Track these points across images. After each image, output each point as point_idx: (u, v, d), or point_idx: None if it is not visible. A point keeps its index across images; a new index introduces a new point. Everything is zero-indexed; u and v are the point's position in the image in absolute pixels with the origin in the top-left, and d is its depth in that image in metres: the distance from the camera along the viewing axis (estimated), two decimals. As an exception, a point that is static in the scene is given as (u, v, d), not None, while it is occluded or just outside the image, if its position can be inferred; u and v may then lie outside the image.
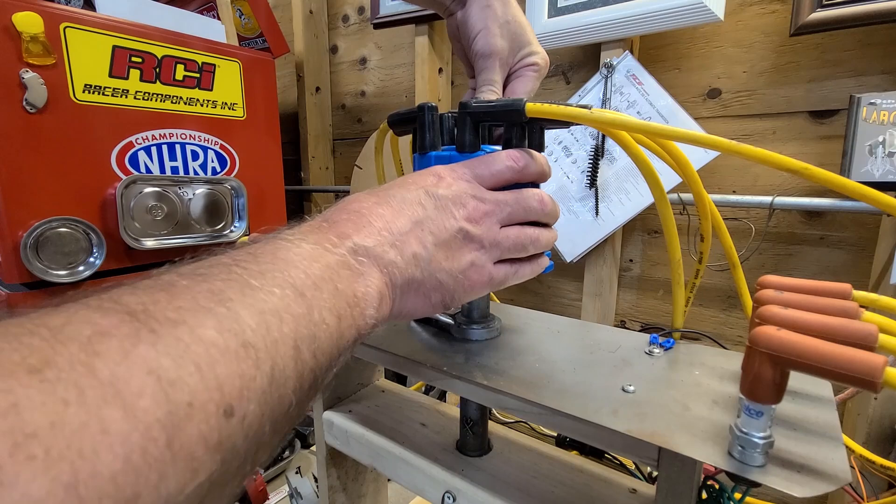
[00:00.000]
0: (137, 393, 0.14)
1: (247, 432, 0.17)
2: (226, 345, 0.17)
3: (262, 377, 0.18)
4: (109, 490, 0.12)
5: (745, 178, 0.87)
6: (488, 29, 0.39)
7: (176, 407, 0.15)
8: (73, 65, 0.77)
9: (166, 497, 0.14)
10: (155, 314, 0.16)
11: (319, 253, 0.24)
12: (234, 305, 0.18)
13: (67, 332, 0.14)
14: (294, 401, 0.20)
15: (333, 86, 1.54)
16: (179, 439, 0.14)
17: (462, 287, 0.31)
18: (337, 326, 0.23)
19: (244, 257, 0.22)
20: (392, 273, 0.27)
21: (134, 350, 0.15)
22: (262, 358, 0.18)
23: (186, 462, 0.15)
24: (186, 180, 0.93)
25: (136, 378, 0.14)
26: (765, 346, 0.22)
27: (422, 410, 0.48)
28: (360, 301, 0.24)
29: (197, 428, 0.15)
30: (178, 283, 0.19)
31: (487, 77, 0.40)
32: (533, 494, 0.36)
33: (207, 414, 0.16)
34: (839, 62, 0.77)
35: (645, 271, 1.01)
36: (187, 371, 0.15)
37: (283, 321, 0.20)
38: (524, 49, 0.41)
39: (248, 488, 0.98)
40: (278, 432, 0.20)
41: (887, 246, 0.72)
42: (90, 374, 0.13)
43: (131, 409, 0.14)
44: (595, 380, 0.33)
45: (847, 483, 0.22)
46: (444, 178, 0.31)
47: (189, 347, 0.16)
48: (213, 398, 0.16)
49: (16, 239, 0.73)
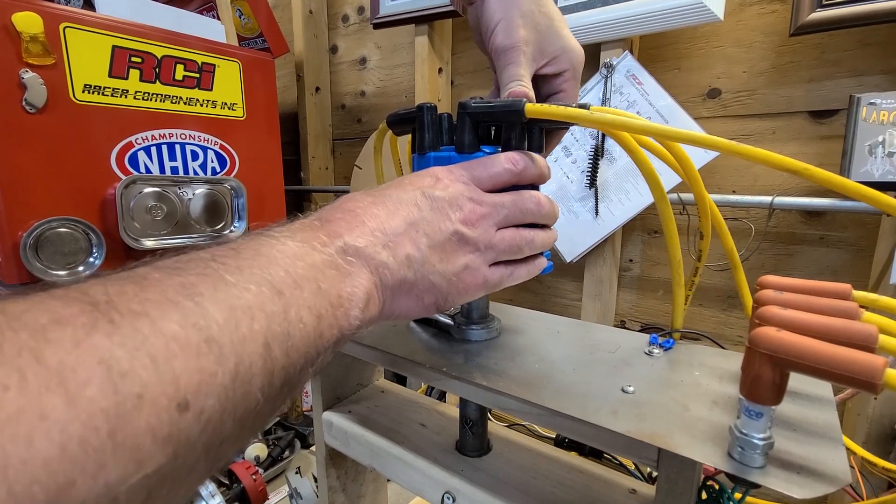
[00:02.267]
0: (84, 382, 0.14)
1: (204, 427, 0.17)
2: (187, 339, 0.17)
3: (225, 373, 0.18)
4: (41, 476, 0.13)
5: (745, 178, 0.87)
6: (509, 20, 0.36)
7: (124, 398, 0.15)
8: (72, 65, 0.77)
9: (105, 486, 0.14)
10: (118, 305, 0.16)
11: (305, 251, 0.24)
12: (203, 300, 0.18)
13: (24, 320, 0.15)
14: (262, 398, 0.20)
15: (333, 86, 1.54)
16: (124, 430, 0.14)
17: (456, 289, 0.30)
18: (316, 326, 0.22)
19: (224, 252, 0.22)
20: (383, 274, 0.27)
21: (87, 339, 0.15)
22: (226, 354, 0.18)
23: (131, 453, 0.15)
24: (186, 180, 0.93)
25: (85, 367, 0.14)
26: (764, 346, 0.22)
27: (421, 411, 0.48)
28: (344, 301, 0.24)
29: (145, 420, 0.15)
30: (151, 276, 0.19)
31: (513, 72, 0.36)
32: (532, 495, 0.36)
33: (158, 407, 0.15)
34: (839, 62, 0.77)
35: (645, 271, 1.01)
36: (141, 363, 0.15)
37: (255, 318, 0.20)
38: (554, 45, 0.37)
39: (248, 488, 0.98)
40: (245, 428, 0.20)
41: (887, 246, 0.72)
42: (36, 361, 0.14)
43: (75, 397, 0.14)
44: (594, 380, 0.33)
45: (847, 484, 0.22)
46: (442, 179, 0.31)
47: (147, 340, 0.16)
48: (167, 392, 0.16)
49: (15, 239, 0.73)
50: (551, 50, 0.37)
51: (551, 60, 0.37)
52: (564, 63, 0.38)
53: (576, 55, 0.38)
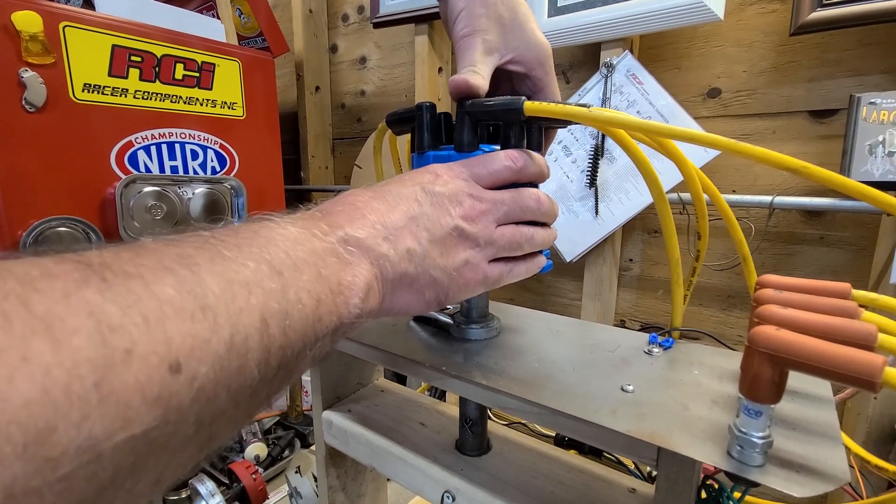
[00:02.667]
0: (71, 331, 0.14)
1: (196, 395, 0.17)
2: (182, 304, 0.17)
3: (219, 342, 0.18)
4: (20, 416, 0.12)
5: (745, 178, 0.87)
6: (470, 9, 0.35)
7: (112, 351, 0.14)
8: (72, 64, 0.77)
9: (89, 438, 0.14)
10: (112, 266, 0.16)
11: (306, 237, 0.24)
12: (199, 270, 0.18)
13: (13, 270, 0.14)
14: (257, 375, 0.19)
15: (333, 85, 1.54)
16: (111, 383, 0.14)
17: (456, 284, 0.30)
18: (314, 309, 0.22)
19: (224, 231, 0.21)
20: (383, 266, 0.27)
21: (77, 292, 0.15)
22: (221, 323, 0.18)
23: (117, 408, 0.14)
24: (186, 180, 0.93)
25: (74, 318, 0.14)
26: (764, 345, 0.22)
27: (421, 410, 0.48)
28: (344, 289, 0.24)
29: (134, 377, 0.15)
30: (148, 246, 0.18)
31: (468, 58, 0.35)
32: (532, 494, 0.36)
33: (148, 365, 0.15)
34: (839, 62, 0.77)
35: (645, 271, 1.01)
36: (132, 321, 0.15)
37: (252, 293, 0.19)
38: (518, 38, 0.36)
39: (248, 487, 0.98)
40: (240, 407, 0.19)
41: (887, 245, 0.72)
42: (23, 306, 0.13)
43: (60, 343, 0.13)
44: (594, 379, 0.33)
45: (846, 483, 0.22)
46: (441, 175, 0.31)
47: (140, 300, 0.16)
48: (158, 351, 0.15)
49: (15, 238, 0.73)
50: (515, 44, 0.36)
51: (516, 56, 0.37)
52: (531, 59, 0.37)
53: (541, 50, 0.37)
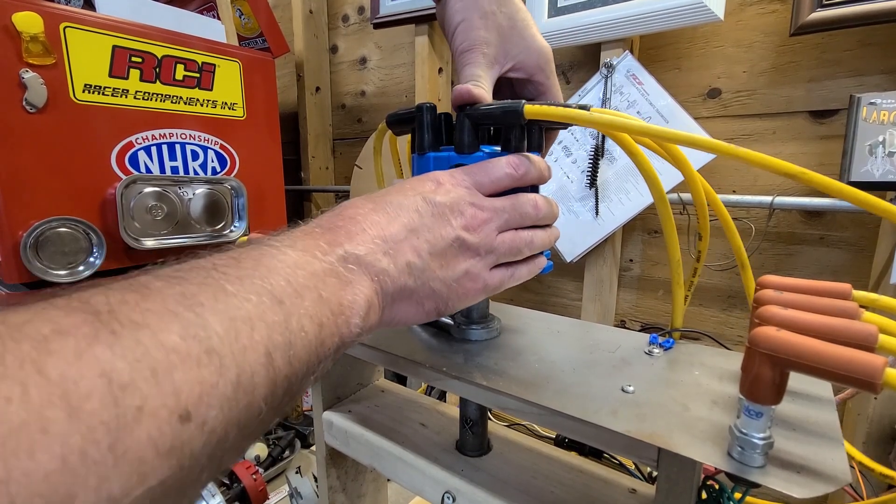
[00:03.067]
0: (85, 395, 0.14)
1: (208, 438, 0.17)
2: (188, 350, 0.17)
3: (226, 384, 0.18)
4: (42, 489, 0.13)
5: (745, 178, 0.87)
6: (469, 21, 0.35)
7: (124, 410, 0.15)
8: (72, 65, 0.77)
9: (108, 499, 0.14)
10: (119, 315, 0.16)
11: (306, 260, 0.24)
12: (203, 311, 0.18)
13: (25, 331, 0.14)
14: (265, 408, 0.20)
15: (333, 86, 1.54)
16: (124, 443, 0.14)
17: (456, 295, 0.31)
18: (317, 334, 0.22)
19: (225, 262, 0.22)
20: (383, 281, 0.27)
21: (89, 350, 0.15)
22: (227, 365, 0.18)
23: (132, 466, 0.15)
24: (186, 180, 0.93)
25: (87, 380, 0.14)
26: (764, 346, 0.22)
27: (421, 410, 0.48)
28: (345, 309, 0.24)
29: (146, 433, 0.15)
30: (152, 285, 0.19)
31: (469, 73, 0.35)
32: (532, 494, 0.36)
33: (159, 419, 0.16)
34: (839, 62, 0.77)
35: (645, 271, 1.01)
36: (142, 375, 0.15)
37: (255, 329, 0.20)
38: (517, 46, 0.36)
39: (249, 488, 0.98)
40: (249, 436, 0.20)
41: (887, 246, 0.72)
42: (38, 373, 0.14)
43: (76, 410, 0.14)
44: (594, 380, 0.33)
45: (847, 483, 0.22)
46: (443, 184, 0.31)
47: (148, 352, 0.16)
48: (167, 403, 0.16)
49: (16, 239, 0.73)
50: (515, 52, 0.36)
51: (517, 63, 0.37)
52: (531, 65, 0.37)
53: (542, 54, 0.37)
